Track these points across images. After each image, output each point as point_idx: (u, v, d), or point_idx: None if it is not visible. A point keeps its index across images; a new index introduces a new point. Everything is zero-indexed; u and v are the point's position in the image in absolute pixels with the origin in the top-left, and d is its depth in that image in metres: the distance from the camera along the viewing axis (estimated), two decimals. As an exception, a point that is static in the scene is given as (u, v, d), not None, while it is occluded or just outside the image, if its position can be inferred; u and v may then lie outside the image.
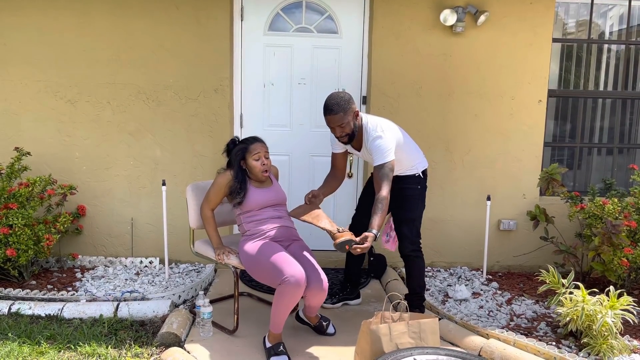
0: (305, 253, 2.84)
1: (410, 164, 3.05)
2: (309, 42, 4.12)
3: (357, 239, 2.59)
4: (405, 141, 3.00)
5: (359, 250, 2.56)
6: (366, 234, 2.60)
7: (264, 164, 2.87)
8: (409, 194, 3.05)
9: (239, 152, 2.88)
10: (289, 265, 2.60)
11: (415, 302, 3.14)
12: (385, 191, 2.74)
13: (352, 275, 3.44)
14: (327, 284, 2.73)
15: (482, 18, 3.88)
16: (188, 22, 3.92)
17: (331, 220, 2.80)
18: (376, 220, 2.66)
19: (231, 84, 4.04)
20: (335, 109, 2.77)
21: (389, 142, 2.82)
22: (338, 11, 4.10)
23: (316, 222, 2.76)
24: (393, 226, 3.19)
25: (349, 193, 4.29)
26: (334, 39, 4.13)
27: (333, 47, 4.13)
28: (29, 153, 3.81)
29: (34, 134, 3.99)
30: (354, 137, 2.89)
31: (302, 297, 2.80)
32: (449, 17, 3.86)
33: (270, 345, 2.67)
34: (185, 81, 3.97)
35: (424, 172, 3.12)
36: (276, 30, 4.11)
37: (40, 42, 3.90)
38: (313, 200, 2.92)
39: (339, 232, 2.65)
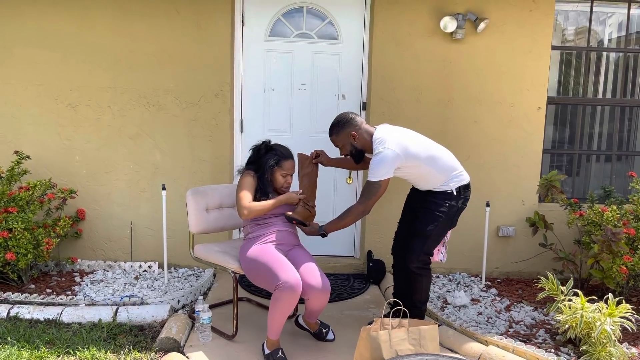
0: (306, 257, 2.83)
1: (440, 179, 2.86)
2: (310, 48, 4.14)
3: (307, 222, 2.90)
4: (431, 156, 2.82)
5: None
6: (315, 224, 2.90)
7: (287, 182, 2.93)
8: (432, 207, 2.89)
9: (273, 163, 2.88)
10: (285, 271, 2.60)
11: (414, 313, 2.98)
12: (359, 204, 2.78)
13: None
14: (329, 287, 2.73)
15: (482, 25, 3.90)
16: (189, 27, 3.93)
17: (312, 197, 3.01)
18: (333, 224, 2.85)
19: (232, 88, 4.05)
20: (330, 132, 2.94)
21: (387, 162, 2.71)
22: (338, 17, 4.11)
23: (303, 183, 3.00)
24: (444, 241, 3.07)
25: (347, 199, 4.30)
26: (334, 45, 4.14)
27: (333, 53, 4.14)
28: (28, 157, 3.81)
29: (34, 138, 3.99)
30: (357, 155, 2.93)
31: (303, 302, 2.81)
32: (449, 24, 3.87)
33: (269, 351, 2.67)
34: (186, 86, 3.98)
35: (459, 189, 2.90)
36: (277, 36, 4.13)
37: (41, 45, 3.91)
38: (318, 153, 3.07)
39: (304, 207, 2.91)
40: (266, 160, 2.89)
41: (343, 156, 3.00)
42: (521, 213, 4.20)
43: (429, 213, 2.90)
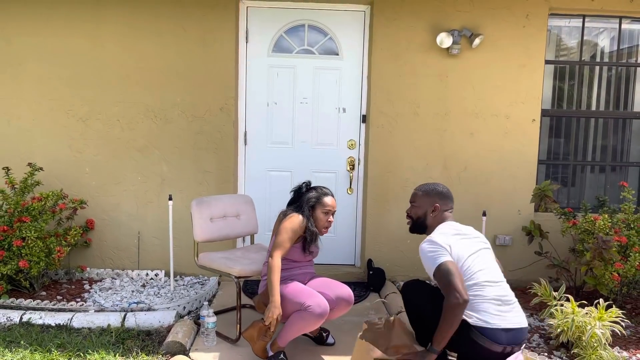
0: (324, 278, 2.97)
1: None
2: (312, 63, 4.29)
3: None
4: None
5: None
6: (415, 350, 2.46)
7: (329, 221, 2.90)
8: None
9: (313, 199, 2.87)
10: (312, 297, 2.68)
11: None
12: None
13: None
14: (353, 297, 2.87)
15: (476, 41, 4.04)
16: (195, 44, 4.09)
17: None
18: (438, 338, 2.37)
19: (236, 102, 4.20)
20: (419, 189, 2.77)
21: None
22: (339, 33, 4.27)
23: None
24: None
25: (349, 209, 4.42)
26: (335, 60, 4.29)
27: (334, 68, 4.29)
28: (41, 168, 3.96)
29: (46, 150, 4.15)
30: (416, 226, 2.77)
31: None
32: (445, 40, 4.02)
33: (272, 353, 2.78)
34: (192, 100, 4.13)
35: None
36: (280, 52, 4.28)
37: (54, 62, 4.08)
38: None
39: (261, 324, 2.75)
40: (307, 200, 2.89)
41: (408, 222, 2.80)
42: (518, 222, 4.30)
43: None
